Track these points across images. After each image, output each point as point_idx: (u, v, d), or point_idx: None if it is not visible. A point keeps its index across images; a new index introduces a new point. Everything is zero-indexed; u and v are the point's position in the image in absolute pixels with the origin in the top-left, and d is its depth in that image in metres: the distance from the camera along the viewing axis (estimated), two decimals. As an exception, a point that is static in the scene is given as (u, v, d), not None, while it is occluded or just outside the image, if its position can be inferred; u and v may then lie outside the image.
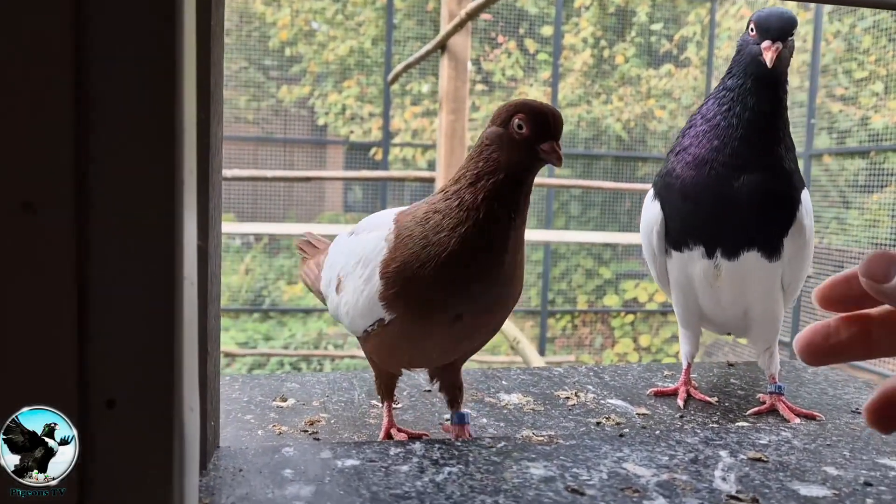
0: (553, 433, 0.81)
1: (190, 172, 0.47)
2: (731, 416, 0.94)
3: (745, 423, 0.91)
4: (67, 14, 0.42)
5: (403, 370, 0.86)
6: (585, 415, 0.93)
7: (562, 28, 7.04)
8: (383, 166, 6.86)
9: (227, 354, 6.69)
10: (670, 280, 1.04)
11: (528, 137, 0.69)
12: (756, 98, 0.94)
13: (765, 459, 0.67)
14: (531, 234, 6.04)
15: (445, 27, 3.89)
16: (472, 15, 3.58)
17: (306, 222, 7.47)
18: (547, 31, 7.12)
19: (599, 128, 7.22)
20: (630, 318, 7.31)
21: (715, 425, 0.90)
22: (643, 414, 0.94)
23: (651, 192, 1.03)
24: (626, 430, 0.87)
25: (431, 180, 4.69)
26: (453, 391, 0.82)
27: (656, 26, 7.27)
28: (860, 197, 5.79)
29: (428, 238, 0.71)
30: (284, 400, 0.95)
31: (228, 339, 7.30)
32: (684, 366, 1.05)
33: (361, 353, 0.95)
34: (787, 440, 0.72)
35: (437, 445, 0.68)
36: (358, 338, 0.83)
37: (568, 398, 0.99)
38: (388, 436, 0.81)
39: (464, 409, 0.82)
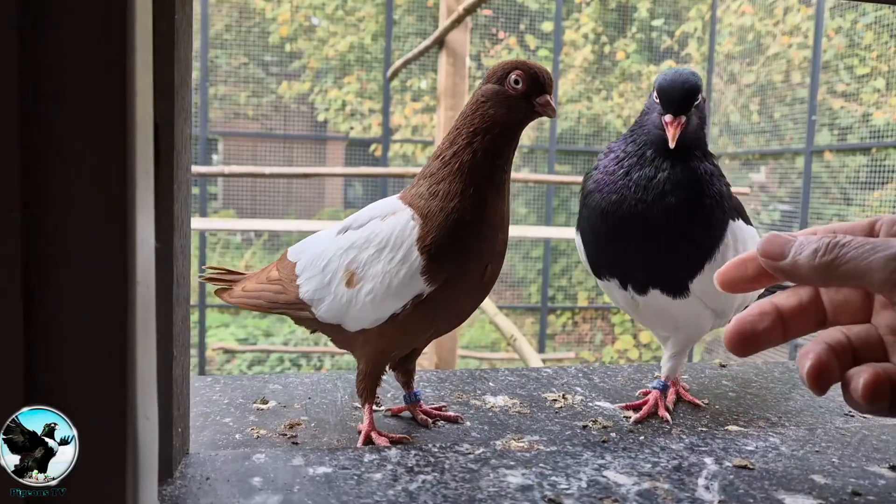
0: (536, 438, 0.79)
1: (145, 173, 0.45)
2: (720, 420, 0.92)
3: (734, 427, 0.89)
4: (12, 8, 0.40)
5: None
6: (572, 418, 0.91)
7: (562, 24, 7.02)
8: (383, 162, 6.85)
9: (227, 351, 6.70)
10: None
11: (524, 92, 0.76)
12: (656, 168, 0.88)
13: (750, 467, 0.65)
14: (532, 231, 6.02)
15: (443, 23, 3.86)
16: (470, 10, 3.55)
17: (307, 218, 7.47)
18: (547, 26, 7.09)
19: (600, 124, 7.20)
20: (630, 314, 7.29)
21: (704, 429, 0.88)
22: (630, 417, 0.92)
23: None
24: (613, 433, 0.85)
25: (430, 177, 4.66)
26: (409, 375, 0.90)
27: (657, 22, 7.24)
28: (861, 194, 5.77)
29: (446, 207, 0.77)
30: (265, 402, 0.93)
31: (228, 336, 7.30)
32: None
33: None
34: (774, 446, 0.70)
35: (413, 452, 0.66)
36: (361, 333, 0.83)
37: (555, 401, 0.97)
38: (369, 440, 0.79)
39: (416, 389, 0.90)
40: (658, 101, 0.89)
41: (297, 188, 7.56)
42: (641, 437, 0.71)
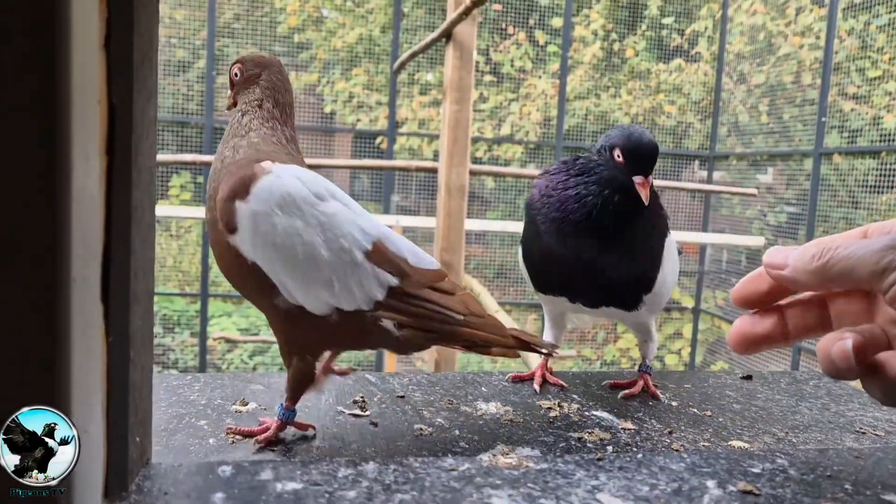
0: (527, 451, 0.74)
1: (85, 158, 0.40)
2: (724, 434, 0.87)
3: (738, 443, 0.84)
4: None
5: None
6: (567, 428, 0.86)
7: (572, 20, 6.95)
8: (388, 155, 6.80)
9: (229, 340, 6.68)
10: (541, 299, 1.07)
11: None
12: (617, 206, 0.93)
13: (756, 493, 0.60)
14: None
15: (451, 15, 3.80)
16: (478, 3, 3.49)
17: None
18: (557, 22, 7.03)
19: (608, 121, 7.13)
20: (633, 314, 7.25)
21: (706, 444, 0.83)
22: (629, 429, 0.87)
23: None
24: (609, 447, 0.80)
25: (434, 170, 4.61)
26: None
27: (667, 20, 7.17)
28: (869, 197, 5.70)
29: None
30: (245, 404, 0.89)
31: (230, 325, 7.29)
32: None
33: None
34: (782, 468, 0.65)
35: (392, 467, 0.61)
36: None
37: (550, 409, 0.92)
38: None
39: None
40: (621, 159, 0.92)
41: (303, 179, 7.50)
42: (640, 455, 0.66)
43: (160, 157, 4.48)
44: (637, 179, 0.91)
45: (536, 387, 1.00)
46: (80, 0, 0.38)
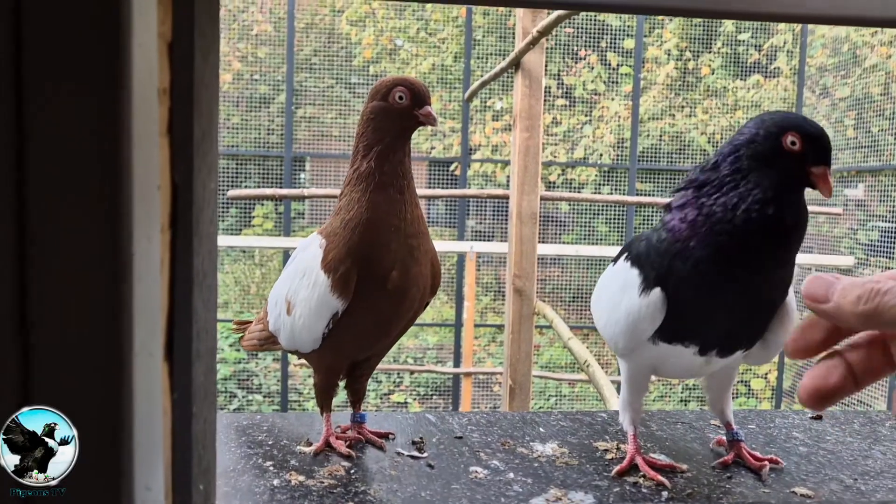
0: (580, 496, 0.75)
1: (147, 239, 0.44)
2: (787, 480, 0.85)
3: (801, 490, 0.82)
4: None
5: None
6: (623, 471, 0.86)
7: (644, 40, 6.88)
8: (462, 181, 6.87)
9: (309, 366, 6.83)
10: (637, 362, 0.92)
11: (408, 105, 0.86)
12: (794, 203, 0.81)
13: (807, 547, 0.59)
14: (613, 251, 5.88)
15: (519, 45, 3.84)
16: (545, 33, 3.51)
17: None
18: (629, 43, 6.97)
19: (683, 141, 7.00)
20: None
21: (765, 491, 0.82)
22: (687, 473, 0.86)
23: (636, 271, 0.85)
24: (664, 492, 0.80)
25: (506, 197, 4.63)
26: (357, 395, 0.97)
27: (744, 36, 7.01)
28: (970, 213, 5.39)
29: (345, 218, 0.85)
30: (309, 444, 0.92)
31: (311, 351, 7.45)
32: (631, 433, 0.90)
33: (440, 368, 1.04)
34: (838, 521, 0.64)
35: (440, 515, 0.63)
36: (311, 353, 0.93)
37: (607, 451, 0.92)
38: (328, 444, 0.90)
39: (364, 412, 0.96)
40: (801, 148, 0.78)
41: (379, 207, 7.65)
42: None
43: (243, 192, 4.66)
44: (818, 170, 0.78)
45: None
46: (142, 96, 0.42)
